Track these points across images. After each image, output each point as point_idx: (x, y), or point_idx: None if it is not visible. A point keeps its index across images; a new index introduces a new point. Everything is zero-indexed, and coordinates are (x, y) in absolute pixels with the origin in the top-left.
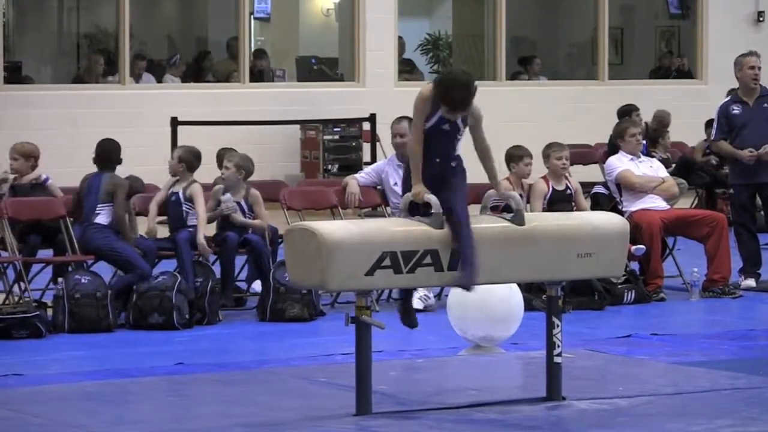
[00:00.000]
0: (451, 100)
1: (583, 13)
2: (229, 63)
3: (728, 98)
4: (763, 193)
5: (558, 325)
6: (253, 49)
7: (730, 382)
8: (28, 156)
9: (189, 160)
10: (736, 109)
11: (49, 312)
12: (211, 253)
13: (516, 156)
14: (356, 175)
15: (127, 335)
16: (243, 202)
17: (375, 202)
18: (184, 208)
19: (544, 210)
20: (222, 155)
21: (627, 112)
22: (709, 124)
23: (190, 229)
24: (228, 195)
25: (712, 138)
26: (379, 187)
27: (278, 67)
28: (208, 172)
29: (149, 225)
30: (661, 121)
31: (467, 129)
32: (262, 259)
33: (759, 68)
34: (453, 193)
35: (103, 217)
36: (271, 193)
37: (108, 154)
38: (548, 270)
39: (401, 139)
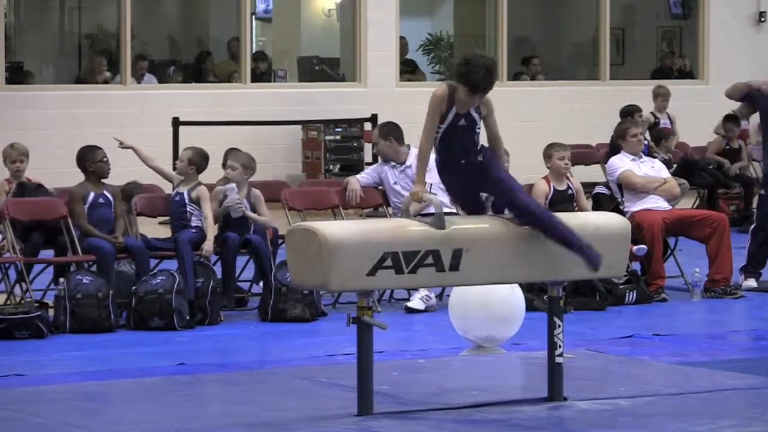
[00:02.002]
0: (471, 80)
1: (585, 13)
2: (231, 63)
3: None
4: None
5: (559, 326)
6: (254, 50)
7: (731, 382)
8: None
9: (198, 163)
10: None
11: (51, 312)
12: (213, 254)
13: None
14: (357, 176)
15: (128, 335)
16: (245, 201)
17: (376, 203)
18: (188, 209)
19: None
20: (227, 156)
21: (629, 113)
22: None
23: (193, 230)
24: (233, 185)
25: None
26: (380, 187)
27: (280, 68)
28: (211, 172)
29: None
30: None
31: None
32: (263, 260)
33: None
34: (500, 186)
35: None
36: (272, 194)
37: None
38: (550, 270)
39: (376, 148)
